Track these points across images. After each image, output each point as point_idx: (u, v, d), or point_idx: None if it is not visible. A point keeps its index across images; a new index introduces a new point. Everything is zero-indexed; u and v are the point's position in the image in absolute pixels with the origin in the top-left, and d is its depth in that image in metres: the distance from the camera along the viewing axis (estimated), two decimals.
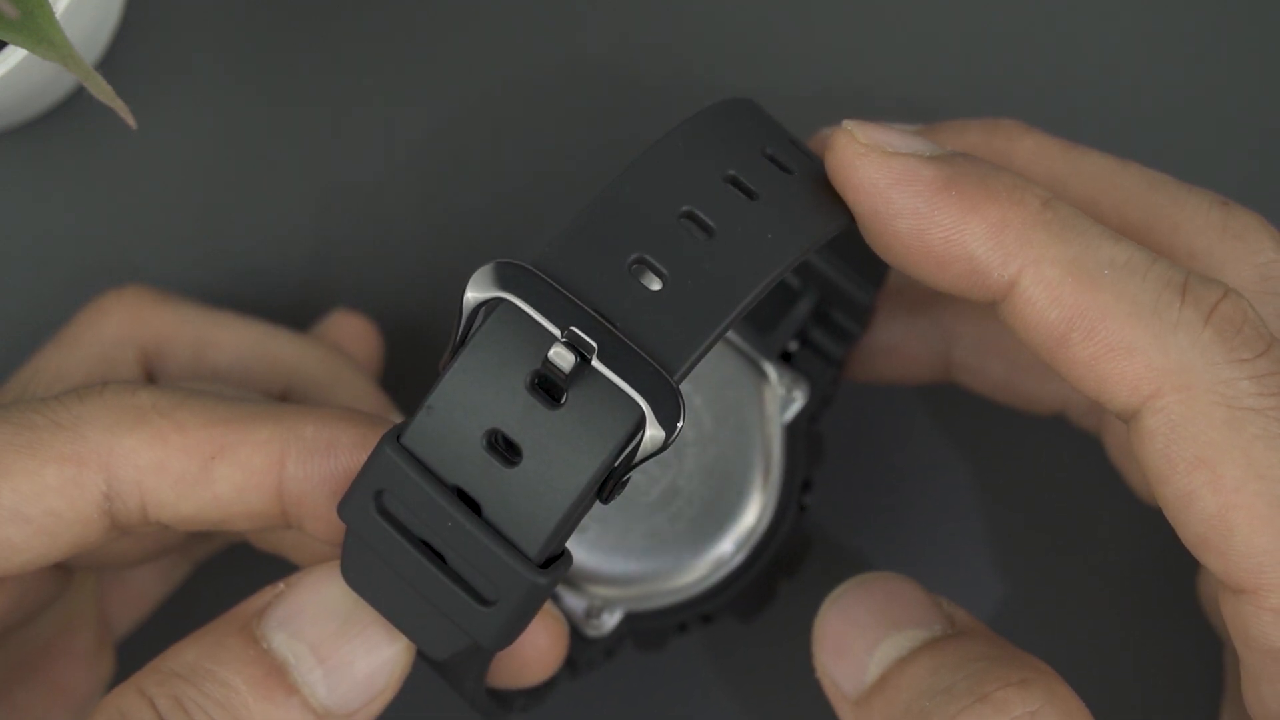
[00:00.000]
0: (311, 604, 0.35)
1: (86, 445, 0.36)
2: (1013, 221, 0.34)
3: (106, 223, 0.48)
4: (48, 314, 0.46)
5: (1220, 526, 0.33)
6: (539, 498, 0.32)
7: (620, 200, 0.34)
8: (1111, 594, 0.46)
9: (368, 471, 0.33)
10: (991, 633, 0.37)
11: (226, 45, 0.48)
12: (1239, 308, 0.34)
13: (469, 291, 0.33)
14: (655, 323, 0.33)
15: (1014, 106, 0.47)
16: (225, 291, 0.47)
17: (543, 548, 0.33)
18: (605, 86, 0.48)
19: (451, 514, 0.33)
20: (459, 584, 0.33)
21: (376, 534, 0.34)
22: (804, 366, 0.42)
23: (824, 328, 0.42)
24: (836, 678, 0.37)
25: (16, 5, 0.38)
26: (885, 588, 0.37)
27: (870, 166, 0.35)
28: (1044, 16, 0.48)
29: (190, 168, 0.48)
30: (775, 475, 0.41)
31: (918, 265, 0.35)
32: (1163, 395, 0.33)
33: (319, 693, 0.35)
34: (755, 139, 0.36)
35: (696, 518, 0.41)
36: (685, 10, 0.48)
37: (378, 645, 0.35)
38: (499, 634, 0.33)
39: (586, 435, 0.32)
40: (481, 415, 0.33)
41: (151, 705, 0.34)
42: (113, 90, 0.39)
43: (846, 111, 0.38)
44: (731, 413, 0.41)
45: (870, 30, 0.48)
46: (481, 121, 0.48)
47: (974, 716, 0.34)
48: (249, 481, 0.36)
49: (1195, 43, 0.48)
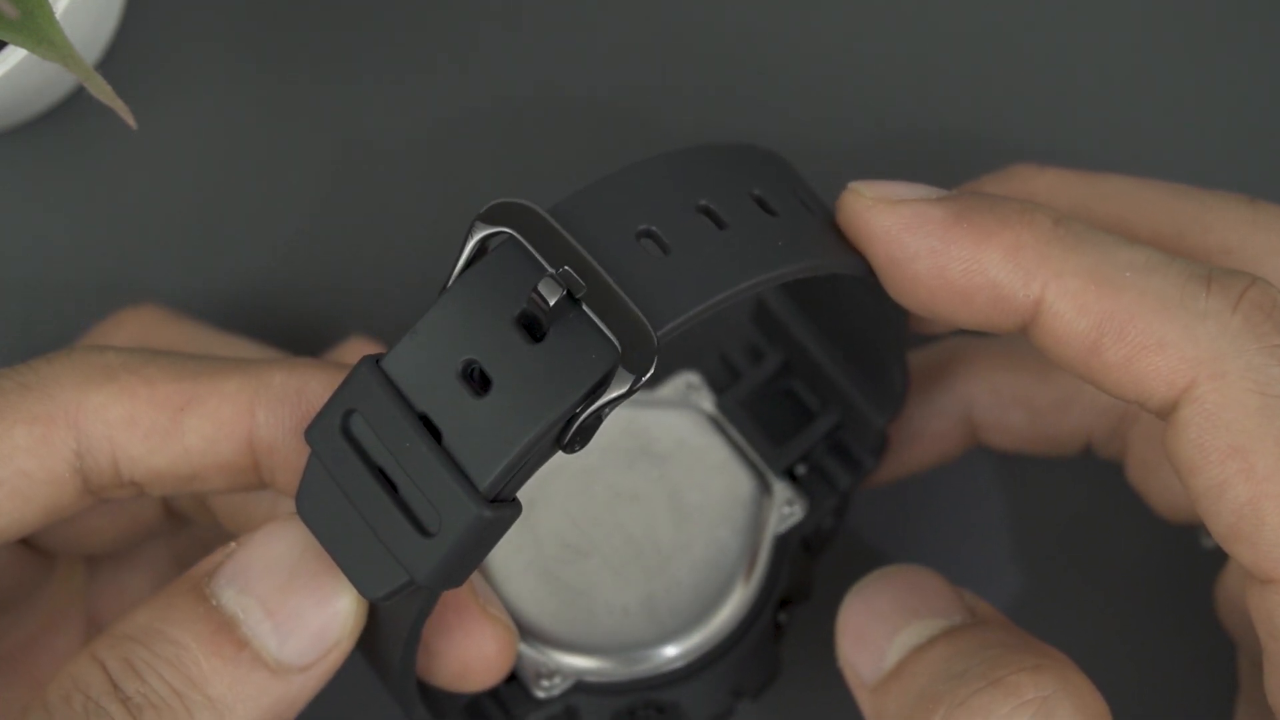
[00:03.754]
0: (260, 559, 0.35)
1: (55, 404, 0.36)
2: (1027, 242, 0.35)
3: (106, 223, 0.48)
4: (47, 314, 0.46)
5: (1251, 516, 0.33)
6: (498, 431, 0.32)
7: (641, 179, 0.35)
8: (1122, 595, 0.46)
9: (340, 391, 0.34)
10: (1011, 623, 0.37)
11: (226, 45, 0.48)
12: (1268, 294, 0.34)
13: (475, 223, 0.33)
14: (654, 279, 0.33)
15: (1024, 138, 0.48)
16: (224, 292, 0.47)
17: (494, 482, 0.32)
18: (619, 91, 0.48)
19: (410, 436, 0.33)
20: (405, 513, 0.33)
21: (335, 456, 0.33)
22: (809, 489, 0.42)
23: (836, 455, 0.42)
24: (856, 665, 0.37)
25: (16, 5, 0.38)
26: (908, 578, 0.38)
27: (881, 215, 0.35)
28: (1052, 36, 0.49)
29: (190, 168, 0.48)
30: (754, 584, 0.41)
31: (943, 303, 0.35)
32: (1198, 385, 0.34)
33: (270, 646, 0.35)
34: (784, 176, 0.36)
35: (674, 605, 0.41)
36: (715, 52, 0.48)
37: (327, 597, 0.35)
38: (435, 569, 0.33)
39: (557, 375, 0.32)
40: (462, 345, 0.33)
41: (103, 669, 0.34)
42: (113, 90, 0.39)
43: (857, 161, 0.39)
44: (730, 513, 0.41)
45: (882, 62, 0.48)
46: (485, 123, 0.48)
47: (985, 699, 0.34)
48: (219, 432, 0.36)
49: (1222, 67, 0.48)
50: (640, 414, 0.42)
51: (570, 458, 0.41)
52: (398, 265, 0.48)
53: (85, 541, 0.41)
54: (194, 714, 0.34)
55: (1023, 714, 0.34)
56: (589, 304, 0.32)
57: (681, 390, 0.42)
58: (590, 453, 0.41)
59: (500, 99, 0.48)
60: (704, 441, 0.42)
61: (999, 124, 0.48)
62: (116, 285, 0.47)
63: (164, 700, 0.34)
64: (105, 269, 0.47)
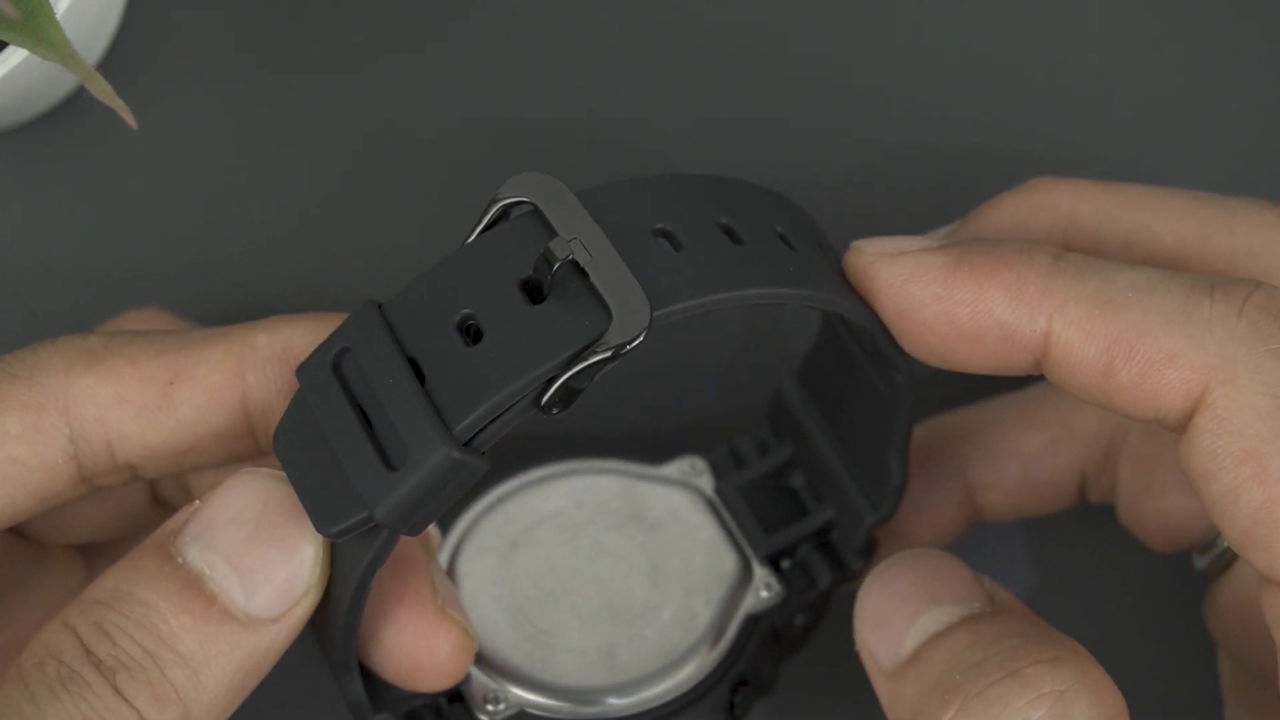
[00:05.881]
0: (223, 513, 0.35)
1: (44, 391, 0.36)
2: (1029, 278, 0.35)
3: (106, 223, 0.48)
4: (49, 314, 0.46)
5: (1266, 519, 0.33)
6: (479, 378, 0.33)
7: (669, 186, 0.35)
8: (1128, 597, 0.46)
9: (338, 330, 0.34)
10: (1030, 612, 0.37)
11: (226, 45, 0.48)
12: (1272, 298, 0.34)
13: (501, 189, 0.34)
14: (663, 269, 0.34)
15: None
16: (224, 292, 0.47)
17: (467, 425, 0.32)
18: (622, 90, 0.48)
19: (394, 373, 0.33)
20: (375, 448, 0.33)
21: (319, 388, 0.34)
22: (790, 581, 0.42)
23: (823, 553, 0.42)
24: (874, 649, 0.37)
25: (17, 5, 0.38)
26: (930, 563, 0.38)
27: (884, 270, 0.36)
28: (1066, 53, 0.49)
29: (190, 168, 0.48)
30: (715, 655, 0.41)
31: (955, 348, 0.36)
32: (1210, 392, 0.34)
33: (238, 599, 0.35)
34: (812, 228, 0.37)
35: (632, 658, 0.41)
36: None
37: (292, 547, 0.35)
38: (394, 503, 0.33)
39: (547, 334, 0.33)
40: (463, 298, 0.33)
41: (75, 634, 0.35)
42: (113, 90, 0.39)
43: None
44: (706, 586, 0.41)
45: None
46: (486, 121, 0.48)
47: (1002, 690, 0.34)
48: (211, 400, 0.37)
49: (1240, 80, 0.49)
50: (639, 484, 0.42)
51: (562, 512, 0.42)
52: (398, 265, 0.47)
53: (74, 530, 0.41)
54: (167, 672, 0.34)
55: (1039, 707, 0.34)
56: (594, 275, 0.33)
57: (685, 471, 0.43)
58: (583, 509, 0.42)
59: (500, 99, 0.48)
60: (695, 519, 0.42)
61: (1009, 138, 0.48)
62: (117, 285, 0.47)
63: (136, 661, 0.34)
64: (105, 269, 0.47)
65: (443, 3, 0.49)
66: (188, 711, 0.34)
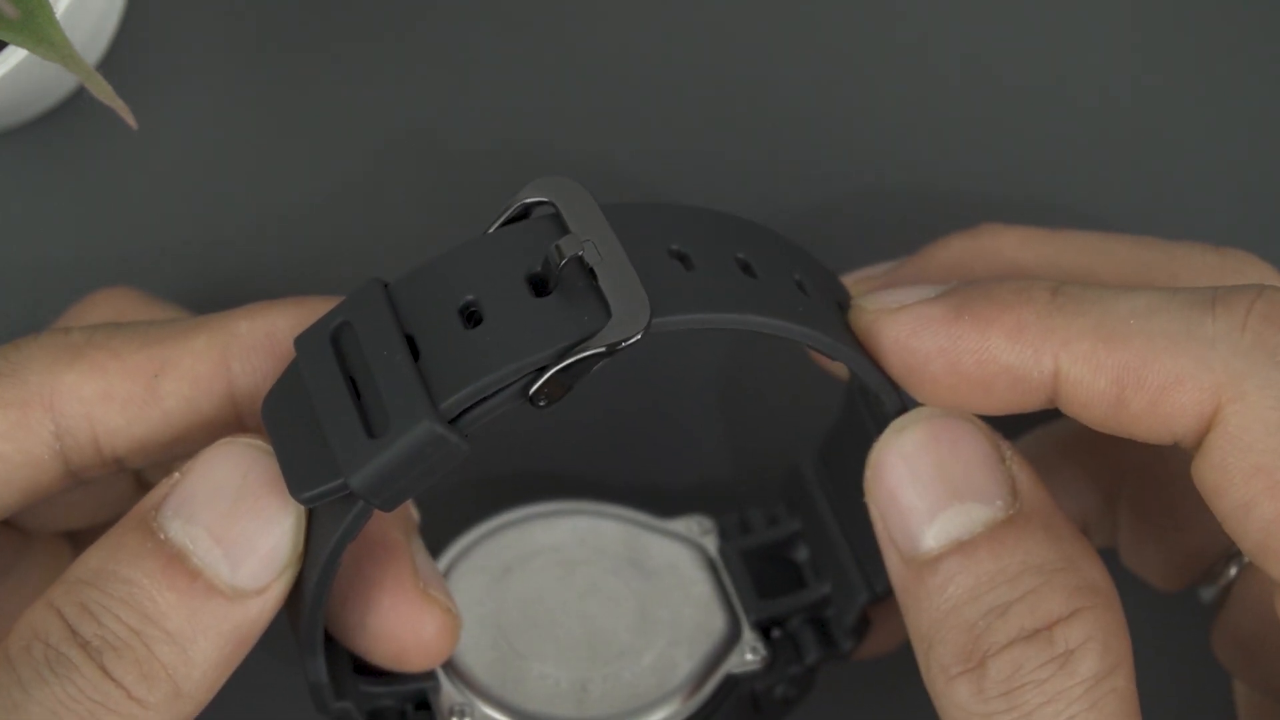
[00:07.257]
0: (203, 487, 0.35)
1: (28, 389, 0.36)
2: (1029, 320, 0.35)
3: (106, 222, 0.48)
4: (47, 313, 0.46)
5: (1279, 531, 0.34)
6: (472, 359, 0.33)
7: (693, 215, 0.36)
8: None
9: (341, 304, 0.34)
10: (1052, 518, 0.36)
11: (226, 45, 0.48)
12: (1275, 305, 0.34)
13: (524, 189, 0.34)
14: (672, 282, 0.34)
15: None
16: (224, 292, 0.47)
17: (453, 402, 0.33)
18: (626, 89, 0.49)
19: (389, 347, 0.33)
20: (360, 416, 0.33)
21: (313, 359, 0.34)
22: (778, 651, 0.42)
23: (814, 629, 0.42)
24: (889, 525, 0.36)
25: (17, 5, 0.38)
26: (951, 436, 0.36)
27: (886, 327, 0.36)
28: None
29: (190, 168, 0.48)
30: (689, 708, 0.41)
31: (967, 397, 0.36)
32: (1221, 409, 0.34)
33: (223, 573, 0.35)
34: (834, 283, 0.38)
35: (604, 696, 0.41)
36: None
37: (273, 518, 0.35)
38: (370, 472, 0.33)
39: (544, 325, 0.33)
40: (468, 285, 0.34)
41: (60, 615, 0.34)
42: (113, 90, 0.39)
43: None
44: (692, 639, 0.41)
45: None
46: (486, 120, 0.48)
47: (1018, 654, 0.34)
48: (196, 391, 0.37)
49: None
50: (643, 533, 0.42)
51: (562, 547, 0.42)
52: (398, 265, 0.47)
53: (61, 518, 0.41)
54: (154, 650, 0.34)
55: (1047, 670, 0.34)
56: (601, 275, 0.33)
57: (692, 528, 0.43)
58: (583, 547, 0.42)
59: (501, 99, 0.48)
60: (693, 574, 0.42)
61: (973, 181, 0.48)
62: (116, 285, 0.47)
63: (123, 640, 0.34)
64: (105, 269, 0.47)
65: (443, 3, 0.49)
66: (178, 688, 0.34)
